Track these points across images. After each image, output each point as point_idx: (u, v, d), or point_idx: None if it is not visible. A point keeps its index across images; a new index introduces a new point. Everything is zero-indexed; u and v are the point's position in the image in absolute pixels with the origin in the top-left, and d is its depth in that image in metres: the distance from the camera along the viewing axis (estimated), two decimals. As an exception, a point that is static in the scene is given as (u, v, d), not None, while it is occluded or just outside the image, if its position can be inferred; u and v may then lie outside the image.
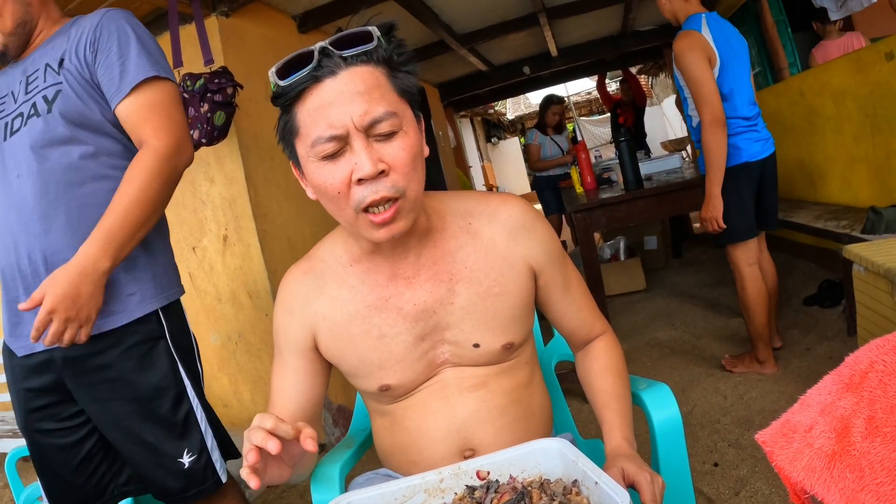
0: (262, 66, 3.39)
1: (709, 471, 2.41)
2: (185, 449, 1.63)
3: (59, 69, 1.56)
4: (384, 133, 0.98)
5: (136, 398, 1.59)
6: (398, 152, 0.99)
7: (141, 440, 1.61)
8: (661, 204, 3.55)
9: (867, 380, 0.58)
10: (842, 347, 3.24)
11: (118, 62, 1.55)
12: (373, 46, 0.99)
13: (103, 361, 1.57)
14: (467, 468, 1.03)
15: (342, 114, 0.96)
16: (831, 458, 0.56)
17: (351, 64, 0.98)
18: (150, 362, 1.61)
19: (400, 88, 1.03)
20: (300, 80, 0.98)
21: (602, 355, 1.29)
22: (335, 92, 0.97)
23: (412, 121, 1.04)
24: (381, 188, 0.98)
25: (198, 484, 1.66)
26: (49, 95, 1.54)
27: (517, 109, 18.48)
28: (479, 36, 5.45)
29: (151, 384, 1.61)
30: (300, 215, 3.55)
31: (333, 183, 0.99)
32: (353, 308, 1.17)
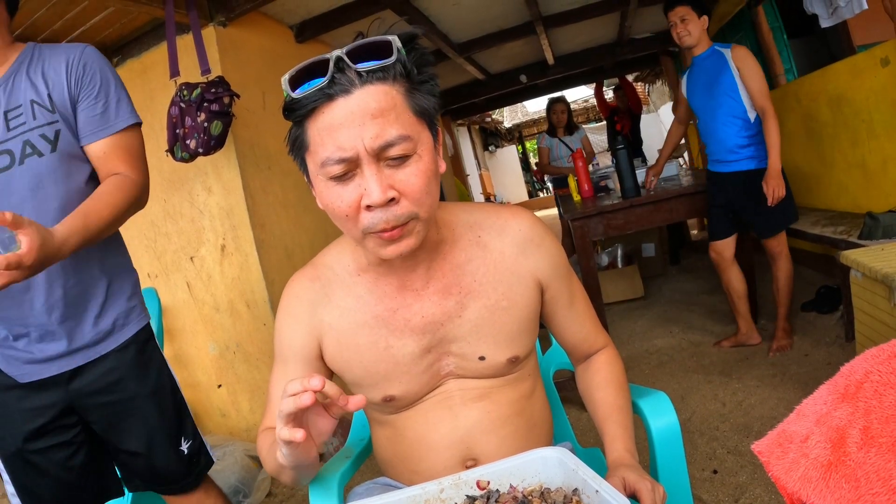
0: (259, 76, 3.40)
1: (708, 478, 2.40)
2: (183, 436, 1.78)
3: (52, 108, 1.57)
4: (396, 157, 0.94)
5: (141, 394, 1.70)
6: (410, 178, 0.96)
7: (149, 433, 1.71)
8: (658, 211, 3.57)
9: (862, 390, 0.58)
10: (840, 353, 3.25)
11: (102, 103, 1.61)
12: (391, 62, 0.94)
13: (109, 366, 1.66)
14: (467, 478, 1.03)
15: (353, 136, 0.92)
16: (827, 469, 0.56)
17: (366, 81, 0.93)
18: (147, 358, 1.74)
19: (417, 108, 0.98)
20: (312, 96, 0.93)
21: (603, 368, 1.29)
22: (346, 112, 0.92)
23: (428, 143, 1.00)
24: (391, 216, 0.95)
25: (196, 466, 1.80)
26: (49, 134, 1.55)
27: (514, 118, 18.51)
28: (476, 45, 5.46)
29: (152, 378, 1.74)
30: (298, 225, 3.55)
31: (341, 206, 0.97)
32: (361, 318, 1.16)
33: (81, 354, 1.62)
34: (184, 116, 2.66)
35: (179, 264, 3.34)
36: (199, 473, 1.81)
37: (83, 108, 1.60)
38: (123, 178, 1.62)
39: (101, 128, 1.61)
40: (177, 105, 2.68)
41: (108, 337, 1.66)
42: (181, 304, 3.38)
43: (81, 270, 1.61)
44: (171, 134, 2.70)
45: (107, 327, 1.65)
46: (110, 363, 1.66)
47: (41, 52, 1.63)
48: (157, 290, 2.92)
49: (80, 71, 1.60)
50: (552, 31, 5.39)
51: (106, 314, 1.65)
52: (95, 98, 1.61)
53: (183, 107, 2.65)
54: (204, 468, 1.83)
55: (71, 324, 1.60)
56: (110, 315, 1.66)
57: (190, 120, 2.64)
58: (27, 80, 1.58)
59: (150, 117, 3.21)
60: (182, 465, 1.76)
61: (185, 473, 1.77)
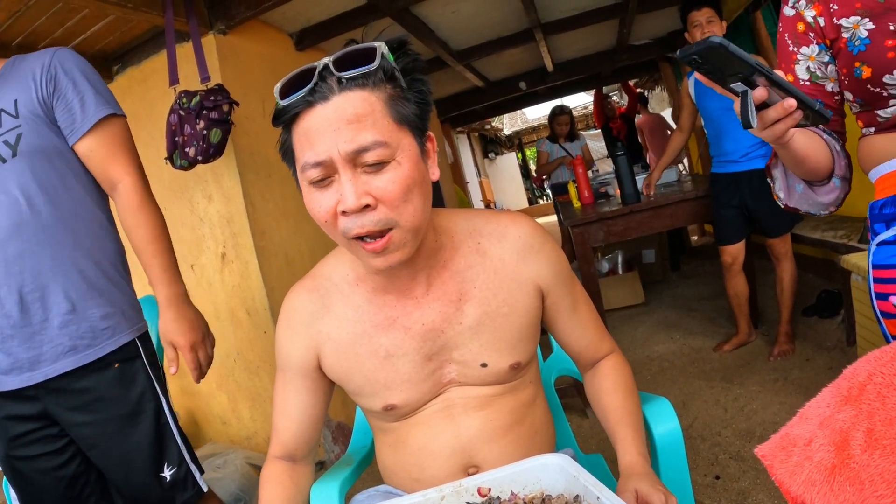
0: (258, 84, 3.40)
1: (710, 483, 2.39)
2: (166, 462, 1.70)
3: (16, 112, 1.57)
4: (372, 163, 0.94)
5: (118, 416, 1.64)
6: (388, 185, 0.95)
7: (124, 457, 1.65)
8: (658, 217, 3.56)
9: (865, 392, 0.58)
10: (841, 357, 3.24)
11: (77, 99, 1.62)
12: (372, 68, 0.95)
13: (86, 385, 1.62)
14: (468, 485, 1.03)
15: (327, 141, 0.93)
16: (831, 472, 0.55)
17: (346, 88, 0.94)
18: (129, 380, 1.68)
19: (398, 115, 0.97)
20: (294, 104, 0.96)
21: (611, 374, 1.28)
22: (323, 119, 0.94)
23: (410, 150, 0.99)
24: (367, 222, 0.96)
25: (181, 494, 1.72)
26: (11, 140, 1.56)
27: (514, 125, 18.54)
28: (475, 52, 5.47)
29: (132, 400, 1.67)
30: (298, 232, 3.55)
31: (320, 211, 0.99)
32: (360, 328, 1.16)
33: (41, 371, 1.58)
34: (183, 124, 2.65)
35: (180, 272, 3.33)
36: (186, 501, 1.73)
37: (60, 109, 1.61)
38: (128, 198, 1.68)
39: (80, 124, 1.62)
40: (176, 113, 2.67)
41: (74, 352, 1.60)
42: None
43: (37, 275, 1.57)
44: (170, 142, 2.69)
45: (71, 341, 1.59)
46: (88, 382, 1.62)
47: (18, 61, 1.63)
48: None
49: (53, 72, 1.60)
50: (551, 37, 5.40)
51: (69, 326, 1.59)
52: (70, 97, 1.61)
53: (182, 114, 2.65)
54: (192, 497, 1.74)
55: (26, 334, 1.57)
56: (75, 328, 1.60)
57: (189, 128, 2.64)
58: (1, 90, 1.59)
59: (150, 125, 3.22)
60: (163, 493, 1.69)
61: (168, 500, 1.70)
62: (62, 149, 1.63)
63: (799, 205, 1.35)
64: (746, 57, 0.85)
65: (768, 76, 0.88)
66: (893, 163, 1.21)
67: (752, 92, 0.91)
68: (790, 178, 1.33)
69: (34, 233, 1.56)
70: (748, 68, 0.87)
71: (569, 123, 6.66)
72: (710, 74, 0.91)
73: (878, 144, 1.24)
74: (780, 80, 0.89)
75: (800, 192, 1.33)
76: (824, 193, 1.30)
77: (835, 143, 1.27)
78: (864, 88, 1.19)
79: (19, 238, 1.55)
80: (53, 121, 1.61)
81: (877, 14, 1.14)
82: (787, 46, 1.30)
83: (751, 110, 0.90)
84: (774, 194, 1.36)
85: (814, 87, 1.28)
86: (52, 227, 1.59)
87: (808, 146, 1.16)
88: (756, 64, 0.86)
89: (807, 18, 1.26)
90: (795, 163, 1.18)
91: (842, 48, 1.20)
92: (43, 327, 1.58)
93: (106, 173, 1.67)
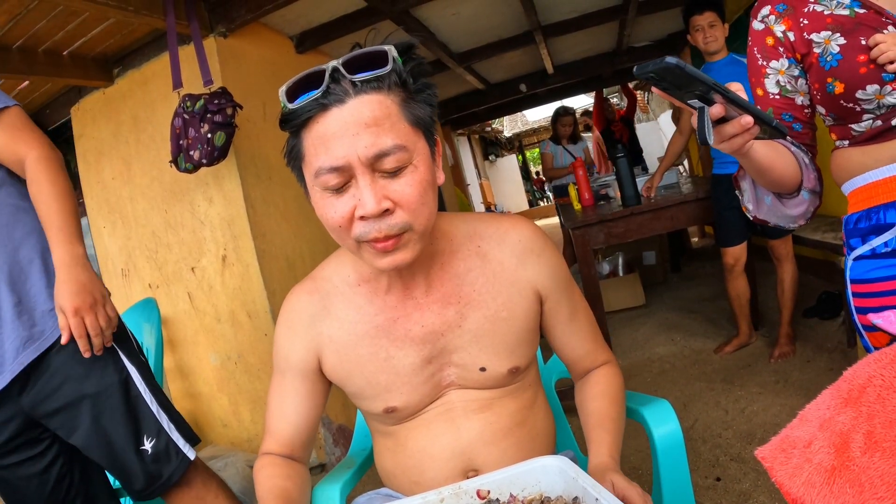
0: (259, 87, 3.40)
1: (711, 485, 2.39)
2: (144, 435, 1.68)
3: None
4: (391, 168, 0.94)
5: (86, 394, 1.63)
6: (405, 188, 0.95)
7: (103, 437, 1.64)
8: (658, 219, 3.56)
9: (865, 394, 0.58)
10: (842, 359, 3.24)
11: None
12: (386, 71, 0.94)
13: (49, 371, 1.62)
14: (467, 487, 1.03)
15: (346, 146, 0.91)
16: (831, 473, 0.56)
17: (361, 91, 0.92)
18: (91, 359, 1.64)
19: (413, 118, 0.97)
20: (307, 107, 0.93)
21: (601, 381, 1.27)
22: (340, 122, 0.92)
23: (424, 152, 0.99)
24: (384, 226, 0.95)
25: (166, 466, 1.70)
26: None
27: (514, 127, 18.56)
28: (475, 54, 5.47)
29: (96, 378, 1.65)
30: (299, 235, 3.55)
31: (335, 216, 0.97)
32: (361, 329, 1.16)
33: (8, 370, 1.57)
34: (187, 127, 2.66)
35: (180, 275, 3.34)
36: (175, 472, 1.70)
37: None
38: (32, 166, 1.64)
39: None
40: (180, 116, 2.68)
41: (31, 341, 1.60)
42: (182, 315, 3.38)
43: None
44: (174, 145, 2.70)
45: (26, 331, 1.60)
46: (50, 367, 1.62)
47: None
48: (157, 301, 2.92)
49: None
50: (551, 40, 5.40)
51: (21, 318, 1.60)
52: None
53: (186, 118, 2.66)
54: (179, 466, 1.71)
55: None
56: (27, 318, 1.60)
57: (193, 131, 2.65)
58: None
59: (151, 128, 3.23)
60: (147, 467, 1.67)
61: (154, 476, 1.68)
62: None
63: (768, 217, 1.35)
64: (702, 76, 0.86)
65: (724, 94, 0.89)
66: (867, 176, 1.21)
67: (709, 109, 0.92)
68: (759, 190, 1.33)
69: None
70: (704, 87, 0.88)
71: (572, 125, 6.65)
72: (667, 91, 0.92)
73: (851, 157, 1.24)
74: (736, 97, 0.90)
75: (769, 204, 1.33)
76: (793, 206, 1.30)
77: (803, 155, 1.27)
78: (837, 104, 1.19)
79: None
80: None
81: (848, 29, 1.15)
82: (757, 60, 1.30)
83: (707, 127, 0.91)
84: (743, 206, 1.36)
85: (783, 100, 1.28)
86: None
87: (771, 157, 1.16)
88: (712, 83, 0.87)
89: (776, 33, 1.26)
90: (758, 172, 1.18)
91: (813, 63, 1.20)
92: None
93: (15, 154, 1.66)
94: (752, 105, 0.93)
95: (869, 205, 1.20)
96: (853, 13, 1.15)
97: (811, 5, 1.21)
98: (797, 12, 1.23)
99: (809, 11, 1.21)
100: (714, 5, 3.23)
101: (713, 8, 3.23)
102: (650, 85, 0.93)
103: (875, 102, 1.14)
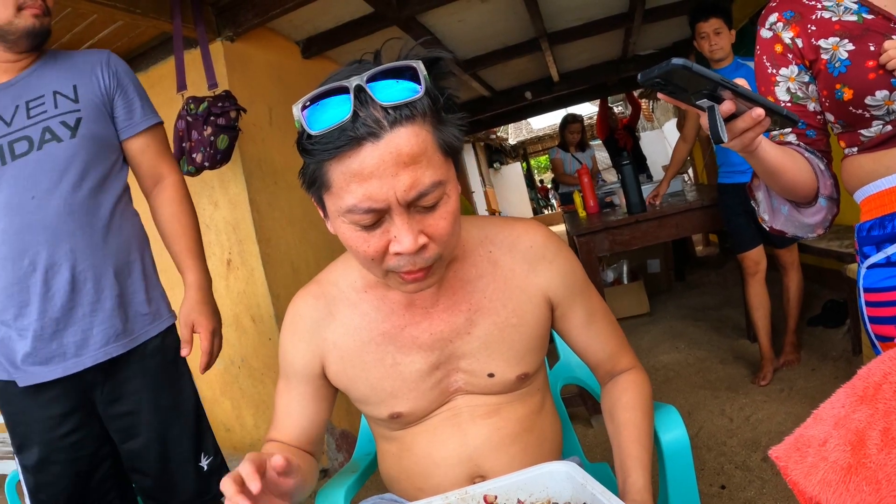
0: (265, 91, 3.41)
1: (716, 493, 2.38)
2: (203, 452, 1.76)
3: (75, 98, 1.64)
4: (429, 205, 0.90)
5: (164, 405, 1.70)
6: (440, 222, 0.92)
7: (163, 448, 1.69)
8: (663, 227, 3.55)
9: (881, 391, 0.57)
10: (847, 367, 3.23)
11: (136, 99, 1.78)
12: (419, 97, 0.86)
13: (130, 372, 1.66)
14: (474, 493, 1.02)
15: (385, 187, 0.85)
16: (847, 472, 0.55)
17: (395, 123, 0.85)
18: (175, 370, 1.76)
19: (446, 146, 0.92)
20: (335, 139, 0.85)
21: (630, 388, 1.21)
22: (377, 161, 0.84)
23: (454, 180, 0.95)
24: (419, 261, 0.93)
25: (216, 484, 1.71)
26: (70, 122, 1.61)
27: (519, 135, 18.57)
28: (481, 61, 5.47)
29: (177, 390, 1.75)
30: (303, 240, 3.55)
31: (367, 251, 0.93)
32: (367, 335, 1.14)
33: (90, 356, 1.60)
34: (190, 130, 2.66)
35: (185, 278, 3.34)
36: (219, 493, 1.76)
37: (121, 105, 1.74)
38: (173, 189, 1.84)
39: (140, 122, 1.78)
40: (183, 119, 2.68)
41: (123, 336, 1.64)
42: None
43: (89, 255, 1.61)
44: (177, 147, 2.70)
45: (121, 324, 1.64)
46: (130, 369, 1.65)
47: (63, 55, 1.72)
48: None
49: (114, 70, 1.74)
50: (557, 47, 5.41)
51: (118, 310, 1.64)
52: (130, 98, 1.76)
53: (189, 120, 2.66)
54: None
55: (77, 315, 1.59)
56: (123, 312, 1.65)
57: (196, 134, 2.65)
58: (50, 74, 1.66)
59: (157, 132, 3.23)
60: (200, 482, 1.74)
61: (203, 491, 1.74)
62: (113, 141, 1.74)
63: (785, 227, 1.34)
64: (710, 74, 0.85)
65: (733, 89, 0.88)
66: (879, 183, 1.20)
67: (719, 106, 0.91)
68: (774, 200, 1.32)
69: (85, 213, 1.61)
70: (712, 84, 0.87)
71: (580, 132, 6.66)
72: (673, 94, 0.91)
73: (862, 165, 1.23)
74: (745, 90, 0.89)
75: (785, 213, 1.32)
76: (810, 214, 1.29)
77: (818, 161, 1.26)
78: (845, 111, 1.18)
79: (71, 217, 1.58)
80: (110, 114, 1.73)
81: (856, 35, 1.14)
82: (766, 69, 1.29)
83: (720, 125, 0.90)
84: (759, 217, 1.35)
85: (795, 107, 1.27)
86: (100, 211, 1.65)
87: (781, 158, 1.15)
88: (720, 79, 0.86)
89: (784, 40, 1.25)
90: (769, 175, 1.17)
91: (822, 69, 1.20)
92: (94, 309, 1.61)
93: (156, 168, 1.83)
94: (761, 97, 0.92)
95: (883, 212, 1.19)
96: (861, 19, 1.15)
97: (819, 12, 1.20)
98: (805, 19, 1.22)
99: (817, 18, 1.20)
100: (720, 11, 3.21)
101: (719, 14, 3.20)
102: (655, 91, 0.92)
103: (885, 108, 1.14)
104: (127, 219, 1.74)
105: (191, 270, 1.80)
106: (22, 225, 1.55)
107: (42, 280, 1.56)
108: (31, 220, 1.55)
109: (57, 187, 1.57)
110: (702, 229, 3.80)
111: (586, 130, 7.17)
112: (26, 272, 1.55)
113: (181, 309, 1.78)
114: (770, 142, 1.13)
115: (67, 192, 1.58)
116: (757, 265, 3.40)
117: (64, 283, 1.57)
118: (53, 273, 1.56)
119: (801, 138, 1.28)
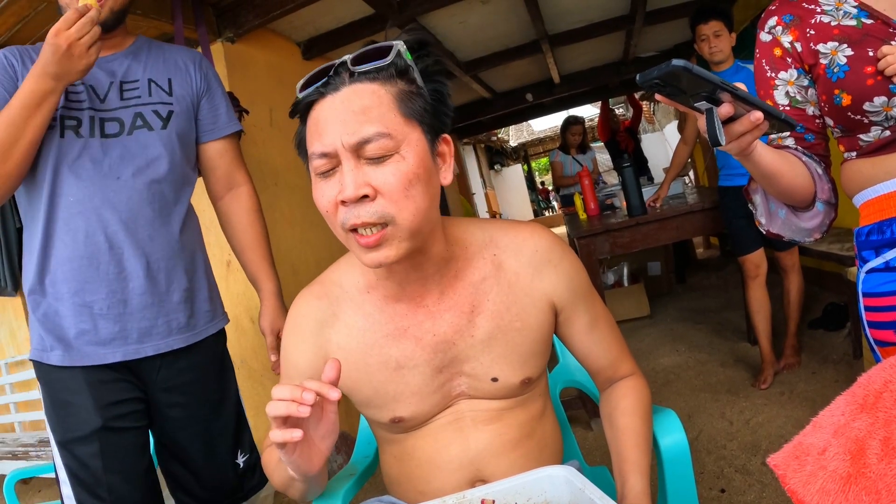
0: (266, 92, 3.41)
1: (716, 497, 2.38)
2: (240, 449, 1.78)
3: (169, 91, 1.67)
4: (375, 156, 0.94)
5: (209, 399, 1.72)
6: (387, 177, 0.94)
7: (209, 441, 1.72)
8: (664, 229, 3.55)
9: (882, 400, 0.57)
10: (848, 370, 3.23)
11: (222, 104, 1.81)
12: (384, 63, 0.96)
13: (185, 365, 1.68)
14: (472, 496, 1.01)
15: (333, 132, 0.94)
16: (846, 481, 0.54)
17: (356, 80, 0.96)
18: (224, 367, 1.81)
19: (407, 109, 0.97)
20: (308, 95, 0.98)
21: (630, 394, 1.22)
22: (331, 109, 0.96)
23: (417, 146, 0.97)
24: (363, 213, 0.94)
25: (249, 481, 1.80)
26: (162, 112, 1.64)
27: (520, 137, 18.58)
28: (482, 63, 5.48)
29: (222, 385, 1.78)
30: (304, 241, 3.54)
31: (323, 201, 0.98)
32: (371, 337, 1.13)
33: (151, 345, 1.60)
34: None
35: (185, 280, 3.33)
36: (251, 490, 1.79)
37: (206, 108, 1.77)
38: (251, 199, 1.91)
39: (224, 127, 1.81)
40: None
41: (186, 329, 1.66)
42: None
43: (164, 245, 1.63)
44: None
45: (185, 318, 1.66)
46: (188, 362, 1.67)
47: (157, 45, 1.74)
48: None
49: (205, 72, 1.77)
50: (558, 49, 5.41)
51: (185, 303, 1.66)
52: (216, 102, 1.79)
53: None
54: (257, 486, 1.81)
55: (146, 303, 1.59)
56: (189, 306, 1.67)
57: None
58: (147, 62, 1.67)
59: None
60: (235, 479, 1.76)
61: (237, 488, 1.76)
62: (193, 141, 1.76)
63: (782, 231, 1.33)
64: (710, 76, 0.84)
65: (732, 92, 0.87)
66: (878, 188, 1.19)
67: (717, 109, 0.90)
68: (772, 204, 1.32)
69: (166, 205, 1.64)
70: (711, 87, 0.86)
71: (581, 134, 6.66)
72: (671, 96, 0.90)
73: (861, 169, 1.23)
74: (744, 93, 0.89)
75: (782, 217, 1.31)
76: (808, 219, 1.28)
77: (816, 165, 1.25)
78: (844, 116, 1.18)
79: (151, 206, 1.60)
80: (195, 115, 1.75)
81: (855, 40, 1.13)
82: (765, 72, 1.29)
83: (718, 128, 0.89)
84: (756, 220, 1.35)
85: (794, 111, 1.27)
86: (178, 206, 1.68)
87: (778, 162, 1.15)
88: (719, 81, 0.85)
89: (783, 43, 1.25)
90: (766, 179, 1.17)
91: (821, 74, 1.19)
92: (163, 299, 1.62)
93: (231, 175, 1.87)
94: (759, 100, 0.92)
95: (881, 217, 1.19)
96: (860, 24, 1.15)
97: (818, 16, 1.20)
98: (804, 23, 1.22)
99: (816, 22, 1.20)
100: (720, 14, 3.21)
101: (719, 17, 3.20)
102: (653, 93, 0.91)
103: (883, 115, 1.13)
104: (193, 218, 1.79)
105: (269, 279, 1.87)
106: (104, 200, 1.54)
107: (116, 260, 1.55)
108: (115, 199, 1.55)
109: (143, 173, 1.59)
110: (702, 232, 3.80)
111: (587, 132, 7.17)
112: (100, 248, 1.54)
113: (263, 316, 1.85)
114: (766, 146, 1.13)
115: (153, 181, 1.60)
116: (758, 268, 3.40)
117: (139, 268, 1.57)
118: (129, 255, 1.56)
119: (799, 142, 1.28)
